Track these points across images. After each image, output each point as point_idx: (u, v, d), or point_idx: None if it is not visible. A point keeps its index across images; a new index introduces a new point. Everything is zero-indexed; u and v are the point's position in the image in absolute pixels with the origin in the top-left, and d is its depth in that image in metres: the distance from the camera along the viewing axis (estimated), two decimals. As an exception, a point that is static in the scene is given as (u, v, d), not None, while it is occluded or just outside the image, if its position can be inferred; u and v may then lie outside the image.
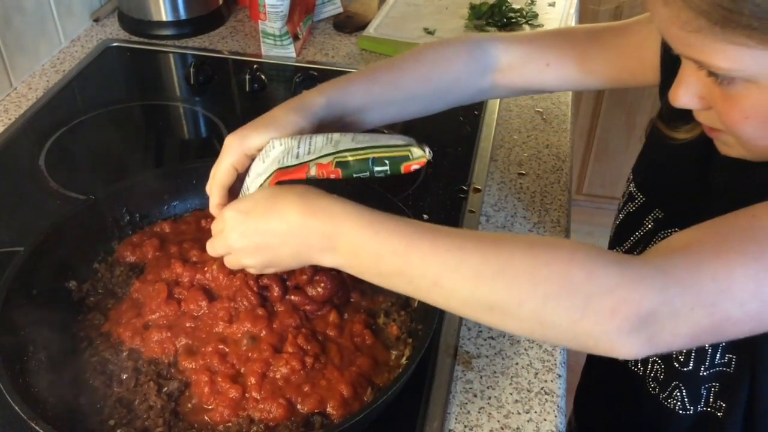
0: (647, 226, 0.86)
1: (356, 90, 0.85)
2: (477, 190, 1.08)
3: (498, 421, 0.79)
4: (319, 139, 0.69)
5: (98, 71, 1.36)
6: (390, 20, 1.48)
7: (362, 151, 0.65)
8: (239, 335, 0.81)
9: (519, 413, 0.80)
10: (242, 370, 0.78)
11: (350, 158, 0.65)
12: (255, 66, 1.31)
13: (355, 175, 0.66)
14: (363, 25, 1.47)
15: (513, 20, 1.45)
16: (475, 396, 0.82)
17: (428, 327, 0.78)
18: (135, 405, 0.77)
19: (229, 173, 0.75)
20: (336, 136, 0.69)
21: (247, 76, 1.28)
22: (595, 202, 2.50)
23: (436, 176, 1.11)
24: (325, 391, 0.77)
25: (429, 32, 1.44)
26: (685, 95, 0.68)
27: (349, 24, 1.49)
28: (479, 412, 0.80)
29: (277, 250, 0.69)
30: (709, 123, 0.71)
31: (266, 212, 0.69)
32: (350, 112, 0.83)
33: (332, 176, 0.66)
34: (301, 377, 0.77)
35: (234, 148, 0.75)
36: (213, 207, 0.78)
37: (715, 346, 0.80)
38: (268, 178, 0.69)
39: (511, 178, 1.12)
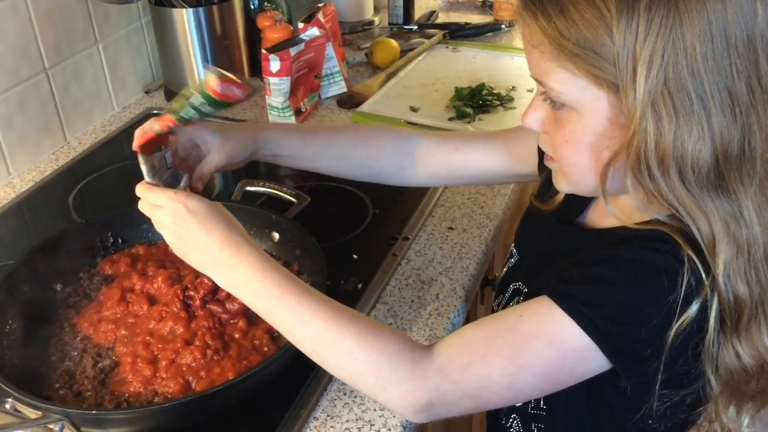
0: (519, 278, 1.03)
1: (296, 136, 1.08)
2: (406, 239, 1.28)
3: (355, 413, 0.97)
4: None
5: (136, 132, 1.66)
6: (383, 99, 1.72)
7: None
8: (164, 331, 1.04)
9: (375, 410, 0.98)
10: (159, 356, 1.00)
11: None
12: (257, 132, 1.57)
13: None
14: (361, 103, 1.71)
15: (488, 102, 1.65)
16: (345, 395, 1.00)
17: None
18: (77, 374, 1.00)
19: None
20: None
21: (248, 140, 1.54)
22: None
23: (377, 226, 1.32)
24: (216, 377, 0.97)
25: (414, 110, 1.67)
26: (530, 116, 0.83)
27: (349, 101, 1.73)
28: (343, 407, 0.99)
29: (191, 250, 0.87)
30: (544, 148, 0.86)
31: (202, 222, 0.85)
32: (285, 152, 1.06)
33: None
34: (201, 365, 0.98)
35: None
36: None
37: None
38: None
39: (440, 231, 1.31)
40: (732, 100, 0.71)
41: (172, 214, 0.87)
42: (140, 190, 0.90)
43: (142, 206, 0.91)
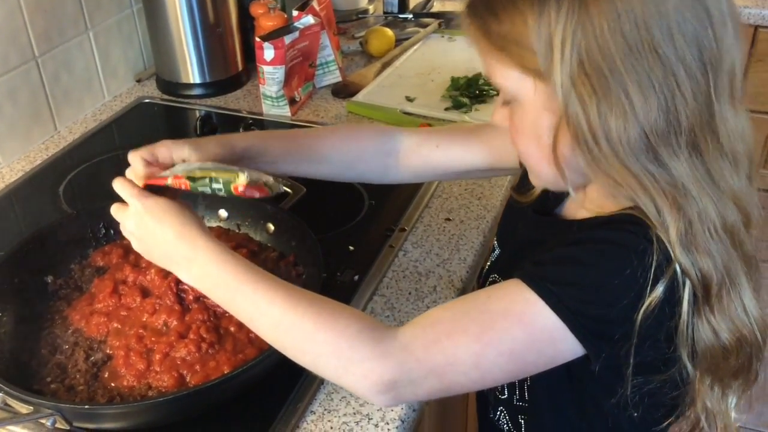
0: (497, 270, 1.01)
1: (276, 143, 1.04)
2: (402, 230, 1.26)
3: (353, 407, 0.96)
4: (194, 165, 0.88)
5: (128, 122, 1.64)
6: (379, 88, 1.70)
7: (209, 171, 0.85)
8: (157, 324, 1.02)
9: (373, 404, 0.96)
10: (152, 350, 0.98)
11: (198, 174, 0.85)
12: (250, 121, 1.55)
13: (200, 189, 0.85)
14: (356, 92, 1.70)
15: (485, 92, 1.64)
16: (342, 388, 0.98)
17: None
18: (68, 368, 0.98)
19: (137, 161, 0.91)
20: (209, 164, 0.88)
21: (241, 129, 1.52)
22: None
23: (373, 217, 1.30)
24: (211, 370, 0.96)
25: (409, 99, 1.65)
26: (495, 115, 0.85)
27: (344, 91, 1.71)
28: (340, 400, 0.97)
29: (152, 248, 0.88)
30: (511, 143, 0.86)
31: (157, 218, 0.86)
32: (266, 160, 1.03)
33: (183, 186, 0.85)
34: (196, 358, 0.97)
35: (157, 148, 0.92)
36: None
37: (521, 383, 0.93)
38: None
39: (437, 223, 1.29)
40: (649, 75, 0.71)
41: (132, 217, 0.88)
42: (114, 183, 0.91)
43: (113, 210, 0.91)
